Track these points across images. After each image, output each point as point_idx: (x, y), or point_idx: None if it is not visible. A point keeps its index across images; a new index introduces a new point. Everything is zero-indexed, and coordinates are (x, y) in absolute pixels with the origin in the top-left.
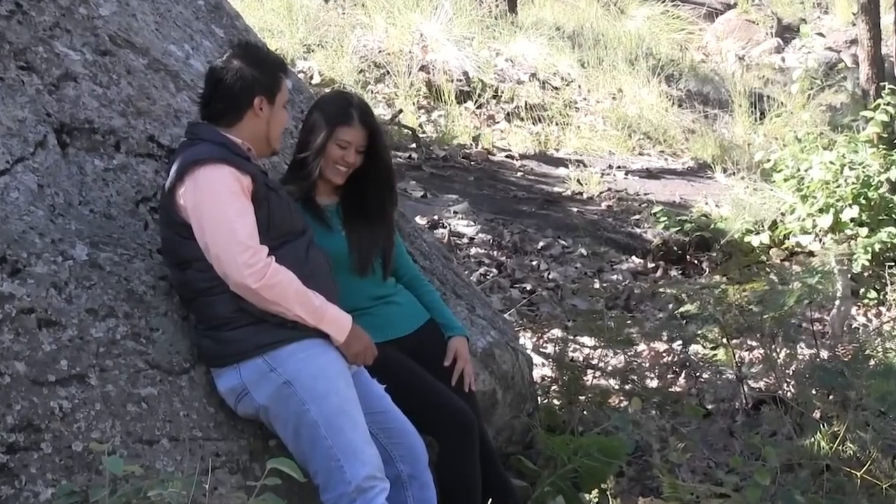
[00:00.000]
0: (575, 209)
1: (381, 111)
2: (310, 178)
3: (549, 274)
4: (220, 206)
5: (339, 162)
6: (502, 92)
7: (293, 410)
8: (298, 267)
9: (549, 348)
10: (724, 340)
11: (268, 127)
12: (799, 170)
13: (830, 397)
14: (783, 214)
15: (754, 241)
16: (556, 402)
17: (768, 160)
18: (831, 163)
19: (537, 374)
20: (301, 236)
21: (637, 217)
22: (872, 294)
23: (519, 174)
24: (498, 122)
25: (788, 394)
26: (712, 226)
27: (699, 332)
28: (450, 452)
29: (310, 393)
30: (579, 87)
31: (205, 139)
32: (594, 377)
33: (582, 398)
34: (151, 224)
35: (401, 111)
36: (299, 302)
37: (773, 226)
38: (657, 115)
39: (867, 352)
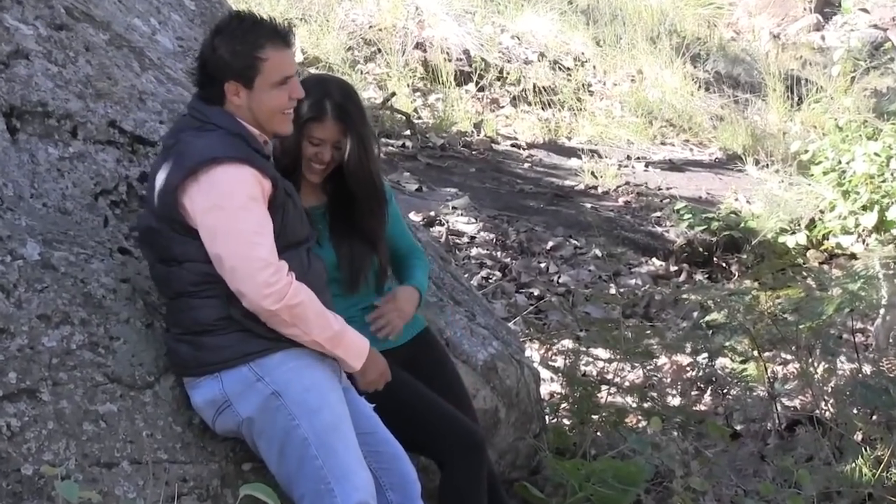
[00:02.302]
0: (588, 205)
1: (371, 94)
2: (289, 178)
3: (559, 278)
4: (240, 214)
5: (314, 160)
6: (508, 73)
7: (280, 426)
8: (301, 276)
9: (559, 361)
10: (755, 353)
11: (251, 113)
12: (840, 162)
13: (874, 418)
14: (822, 212)
15: (789, 241)
16: (566, 421)
17: (806, 151)
18: (876, 154)
19: (545, 390)
20: (305, 243)
21: (658, 214)
22: None
23: (526, 165)
24: (502, 107)
25: (827, 413)
26: (742, 224)
27: (727, 343)
28: (457, 476)
29: (300, 407)
30: (594, 67)
31: (218, 126)
32: (609, 394)
33: (595, 417)
34: (111, 219)
35: (393, 94)
36: (319, 325)
37: (811, 225)
38: (681, 99)
39: None
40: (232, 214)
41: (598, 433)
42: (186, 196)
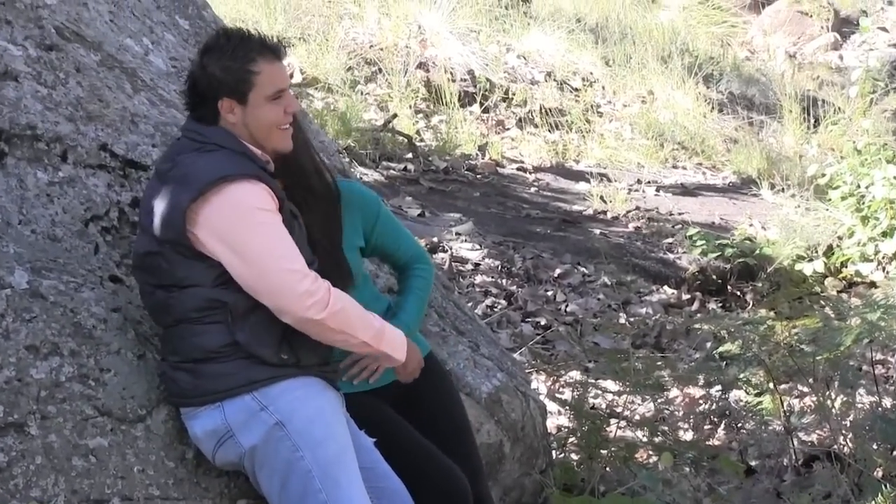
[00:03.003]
0: (597, 231)
1: (372, 115)
2: None
3: (566, 306)
4: (261, 230)
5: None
6: (513, 94)
7: (283, 457)
8: None
9: (566, 394)
10: (771, 386)
11: (248, 130)
12: (859, 186)
13: (894, 453)
14: (840, 238)
15: (806, 269)
16: (573, 456)
17: (823, 175)
18: None
19: (552, 423)
20: (309, 266)
21: (670, 240)
22: None
23: (532, 190)
24: (508, 129)
25: (845, 449)
26: (757, 251)
27: (741, 375)
28: None
29: (304, 438)
30: (603, 88)
31: (220, 145)
32: (618, 428)
33: (604, 452)
34: (102, 246)
35: (395, 116)
36: (363, 326)
37: (829, 252)
38: (694, 121)
39: None
40: (254, 231)
41: (607, 469)
42: (197, 219)
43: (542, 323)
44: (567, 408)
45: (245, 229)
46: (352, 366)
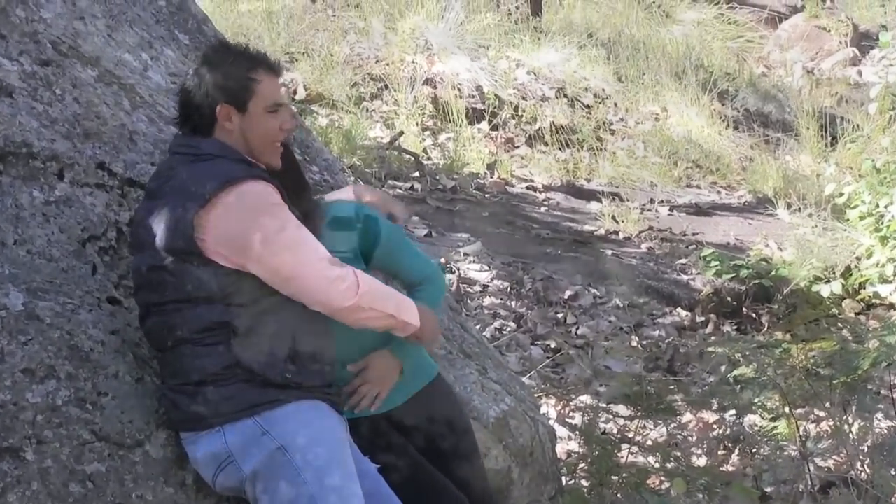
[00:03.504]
0: (609, 251)
1: (378, 133)
2: None
3: (577, 329)
4: (280, 224)
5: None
6: (523, 111)
7: (286, 483)
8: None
9: (577, 418)
10: (786, 410)
11: (244, 140)
12: (878, 206)
13: None
14: (858, 259)
15: (823, 290)
16: (583, 483)
17: (841, 194)
18: None
19: (561, 449)
20: None
21: (683, 261)
22: None
23: (542, 209)
24: (518, 147)
25: (862, 475)
26: (773, 272)
27: (756, 399)
28: None
29: (307, 462)
30: (615, 105)
31: (216, 155)
32: (630, 453)
33: (615, 478)
34: (100, 267)
35: (401, 133)
36: (387, 297)
37: (847, 273)
38: (708, 139)
39: None
40: (272, 227)
41: (619, 495)
42: (207, 225)
43: (552, 346)
44: (577, 433)
45: (262, 227)
46: (351, 395)
